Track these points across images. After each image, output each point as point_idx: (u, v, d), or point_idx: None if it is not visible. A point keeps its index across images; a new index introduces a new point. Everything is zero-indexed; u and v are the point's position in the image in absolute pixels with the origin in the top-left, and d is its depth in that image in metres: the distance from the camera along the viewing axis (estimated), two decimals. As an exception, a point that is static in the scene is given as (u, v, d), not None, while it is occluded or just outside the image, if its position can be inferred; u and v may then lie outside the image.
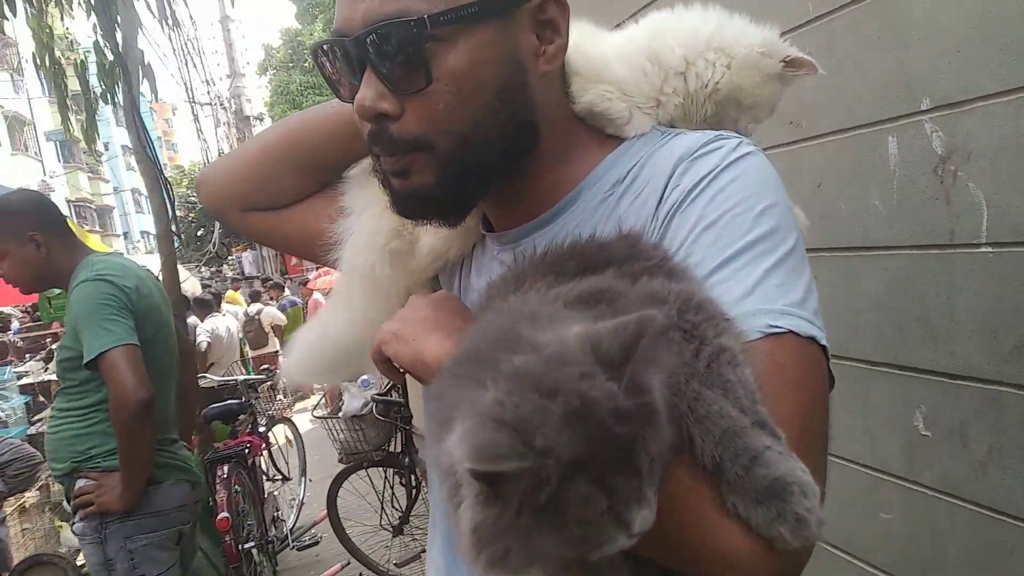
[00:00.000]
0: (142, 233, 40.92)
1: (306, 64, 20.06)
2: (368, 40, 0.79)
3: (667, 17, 0.98)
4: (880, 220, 1.51)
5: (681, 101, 0.92)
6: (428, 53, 0.78)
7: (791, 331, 0.70)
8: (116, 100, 4.44)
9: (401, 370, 0.93)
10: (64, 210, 2.79)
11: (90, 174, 35.88)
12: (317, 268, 14.08)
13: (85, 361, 2.38)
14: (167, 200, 4.39)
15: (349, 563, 4.88)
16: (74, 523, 2.56)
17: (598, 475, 0.51)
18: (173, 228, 4.45)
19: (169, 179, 4.81)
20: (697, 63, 0.91)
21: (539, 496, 0.50)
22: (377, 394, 4.36)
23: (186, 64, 6.42)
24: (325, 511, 4.70)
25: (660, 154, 0.87)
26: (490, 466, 0.49)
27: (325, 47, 0.87)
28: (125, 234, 41.01)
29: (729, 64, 0.91)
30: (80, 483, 2.51)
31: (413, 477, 4.54)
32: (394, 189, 0.89)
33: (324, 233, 1.09)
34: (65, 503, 5.21)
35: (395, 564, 4.49)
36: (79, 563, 3.59)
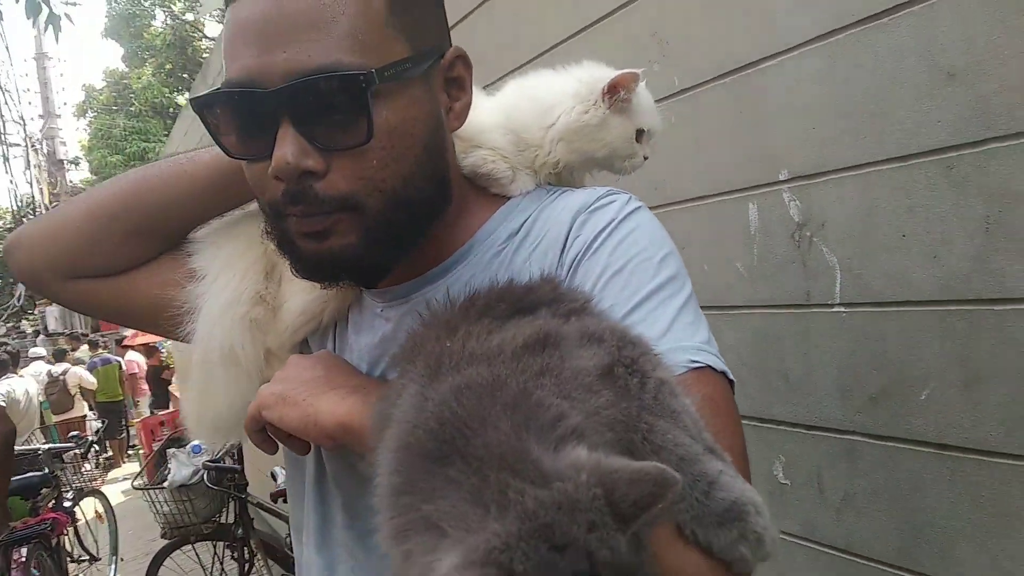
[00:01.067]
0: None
1: (132, 108, 18.85)
2: (293, 94, 0.74)
3: (516, 92, 1.02)
4: (742, 281, 1.61)
5: (551, 171, 0.97)
6: (370, 108, 0.75)
7: (708, 366, 0.75)
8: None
9: (280, 437, 0.87)
10: None
11: None
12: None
13: None
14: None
15: (170, 650, 4.43)
16: None
17: None
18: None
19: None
20: (544, 147, 0.96)
21: None
22: (209, 461, 4.04)
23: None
24: (144, 593, 4.25)
25: (553, 208, 0.91)
26: None
27: (225, 96, 0.79)
28: None
29: (561, 138, 0.95)
30: None
31: (247, 549, 4.22)
32: (303, 252, 0.83)
33: (170, 303, 0.99)
34: None
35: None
36: None
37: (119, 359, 11.36)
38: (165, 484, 4.03)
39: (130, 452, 10.82)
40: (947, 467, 1.28)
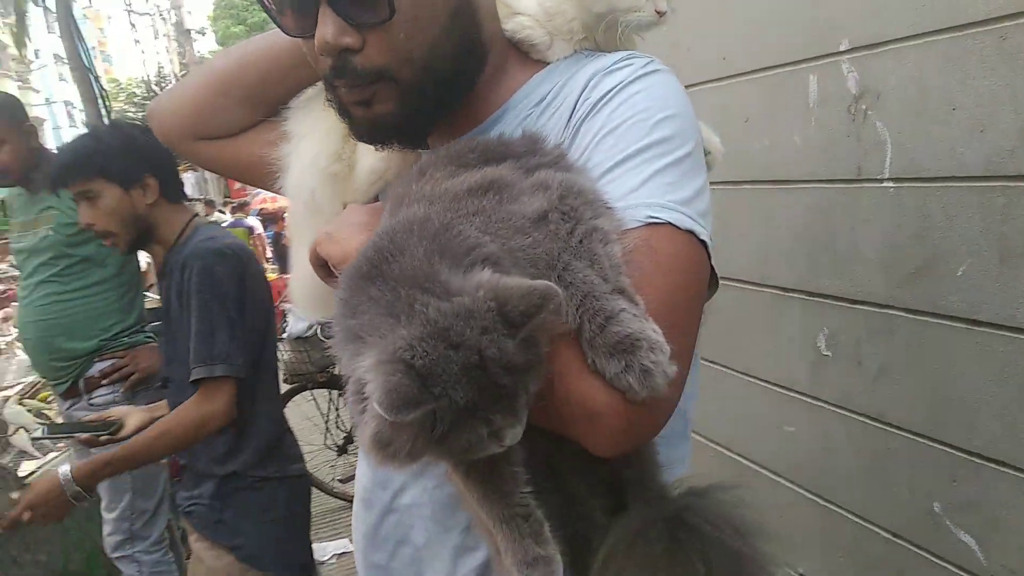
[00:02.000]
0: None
1: (253, -24, 19.19)
2: None
3: None
4: (798, 155, 1.61)
5: (579, 36, 0.97)
6: None
7: (669, 223, 0.77)
8: (47, 3, 4.26)
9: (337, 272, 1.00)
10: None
11: (19, 83, 34.06)
12: (258, 193, 13.82)
13: None
14: (103, 110, 4.27)
15: (293, 479, 4.98)
16: (91, 399, 2.75)
17: (482, 414, 0.62)
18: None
19: (105, 91, 4.67)
20: (563, 7, 0.96)
21: (434, 429, 0.61)
22: (322, 316, 4.39)
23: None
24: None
25: (579, 74, 0.93)
26: (396, 415, 0.58)
27: None
28: (58, 148, 39.31)
29: None
30: (99, 365, 2.75)
31: (357, 398, 4.61)
32: (355, 118, 0.92)
33: (268, 160, 1.12)
34: (12, 407, 5.18)
35: (339, 480, 4.62)
36: (20, 473, 3.62)
37: (250, 223, 12.10)
38: (283, 335, 4.43)
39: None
40: (977, 342, 1.30)
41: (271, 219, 12.18)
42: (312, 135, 1.10)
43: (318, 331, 4.41)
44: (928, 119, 1.31)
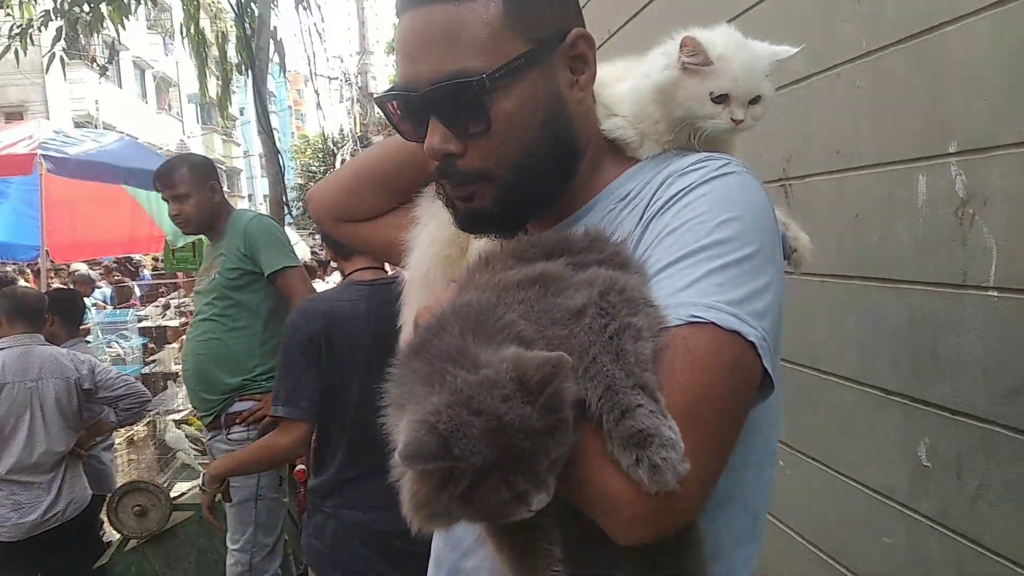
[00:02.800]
0: (264, 196, 42.92)
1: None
2: (432, 96, 0.93)
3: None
4: (905, 255, 1.56)
5: (666, 137, 1.02)
6: (486, 103, 0.93)
7: (713, 323, 0.77)
8: (250, 70, 4.83)
9: None
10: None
11: (224, 137, 38.01)
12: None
13: (268, 272, 2.99)
14: (280, 169, 4.75)
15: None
16: (228, 435, 3.08)
17: (503, 476, 0.68)
18: (283, 197, 4.81)
19: (294, 147, 5.19)
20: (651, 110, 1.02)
21: (456, 487, 0.68)
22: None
23: (311, 42, 6.82)
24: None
25: (660, 173, 0.98)
26: (411, 463, 0.67)
27: (391, 97, 1.01)
28: (249, 196, 43.24)
29: (654, 98, 1.01)
30: (240, 405, 3.07)
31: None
32: (458, 210, 1.03)
33: (400, 241, 1.26)
34: (169, 431, 5.68)
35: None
36: (172, 495, 3.97)
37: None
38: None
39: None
40: (1082, 471, 1.21)
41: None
42: (432, 222, 1.22)
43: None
44: (1035, 229, 1.25)
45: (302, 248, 10.28)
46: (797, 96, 1.88)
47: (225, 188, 3.59)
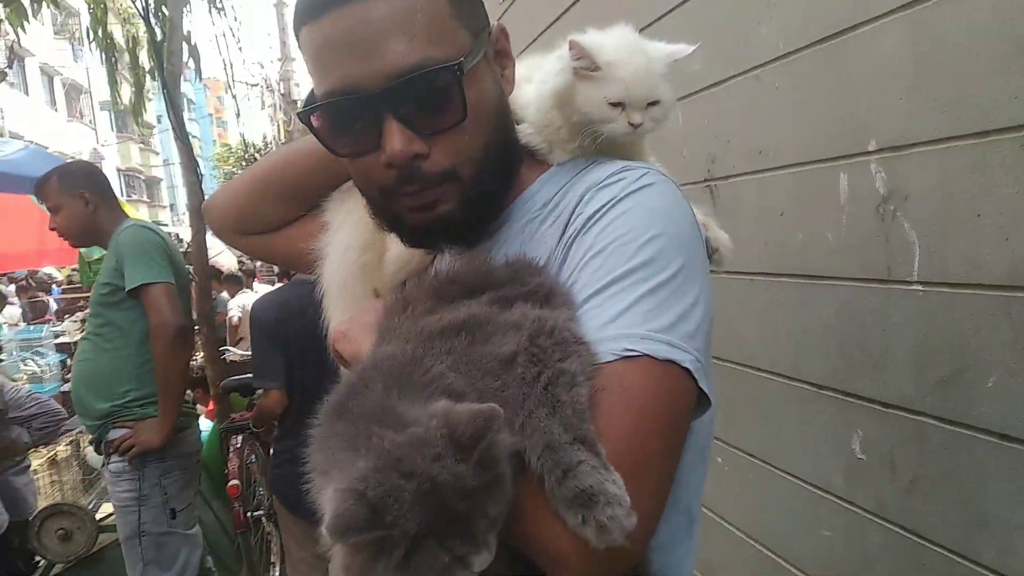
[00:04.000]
0: (186, 206, 41.62)
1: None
2: (397, 91, 0.85)
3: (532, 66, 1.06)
4: (831, 252, 1.58)
5: (570, 144, 1.00)
6: (463, 91, 0.87)
7: (646, 355, 0.76)
8: (160, 75, 4.62)
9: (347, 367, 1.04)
10: (114, 179, 3.13)
11: (141, 145, 36.70)
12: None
13: (128, 288, 2.71)
14: (198, 177, 4.57)
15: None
16: (107, 464, 2.86)
17: (439, 540, 0.64)
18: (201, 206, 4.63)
19: (216, 156, 5.01)
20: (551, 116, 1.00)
21: (390, 555, 0.63)
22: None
23: (227, 47, 6.63)
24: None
25: (578, 182, 0.95)
26: (341, 537, 0.62)
27: (333, 105, 0.89)
28: (171, 205, 41.91)
29: (551, 104, 0.99)
30: (114, 432, 2.82)
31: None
32: (412, 225, 0.96)
33: (307, 251, 1.19)
34: (89, 450, 5.43)
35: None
36: (98, 516, 3.80)
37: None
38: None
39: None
40: (1009, 458, 1.23)
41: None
42: (344, 227, 1.16)
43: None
44: (954, 224, 1.28)
45: (227, 258, 9.98)
46: (717, 98, 1.89)
47: (145, 197, 3.39)
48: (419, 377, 0.70)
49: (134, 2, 4.49)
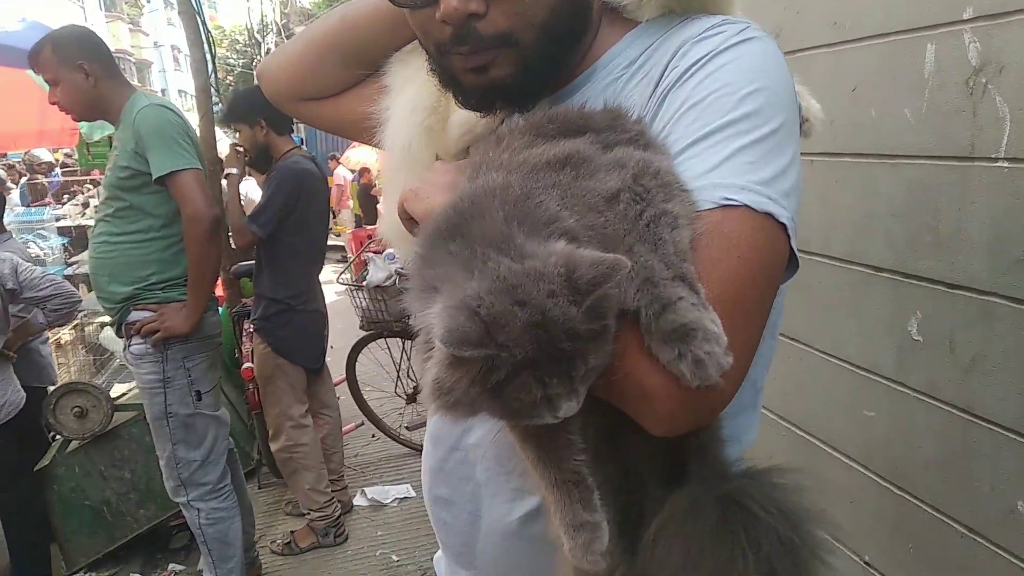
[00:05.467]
0: (179, 91, 40.65)
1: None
2: None
3: None
4: (907, 129, 1.53)
5: None
6: None
7: (746, 205, 0.74)
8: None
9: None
10: (106, 55, 2.91)
11: (131, 26, 35.43)
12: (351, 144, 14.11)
13: (156, 177, 2.59)
14: (208, 54, 4.41)
15: (363, 423, 5.15)
16: (128, 347, 2.81)
17: (539, 374, 0.63)
18: (212, 83, 4.48)
19: (211, 36, 4.81)
20: None
21: (490, 378, 0.62)
22: (402, 268, 4.48)
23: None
24: (344, 375, 4.92)
25: (673, 37, 0.91)
26: (456, 350, 0.61)
27: None
28: (163, 91, 40.86)
29: None
30: (136, 315, 2.76)
31: (430, 349, 4.71)
32: (466, 86, 0.92)
33: (369, 115, 1.15)
34: (107, 331, 5.46)
35: (406, 427, 4.74)
36: (112, 394, 3.84)
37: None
38: (364, 283, 4.54)
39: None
40: (1085, 337, 1.23)
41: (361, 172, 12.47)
42: (408, 89, 1.12)
43: (396, 281, 4.50)
44: (1055, 96, 1.23)
45: (223, 147, 9.80)
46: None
47: (135, 81, 3.24)
48: (537, 213, 0.68)
49: None
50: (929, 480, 1.57)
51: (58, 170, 11.58)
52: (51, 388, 3.74)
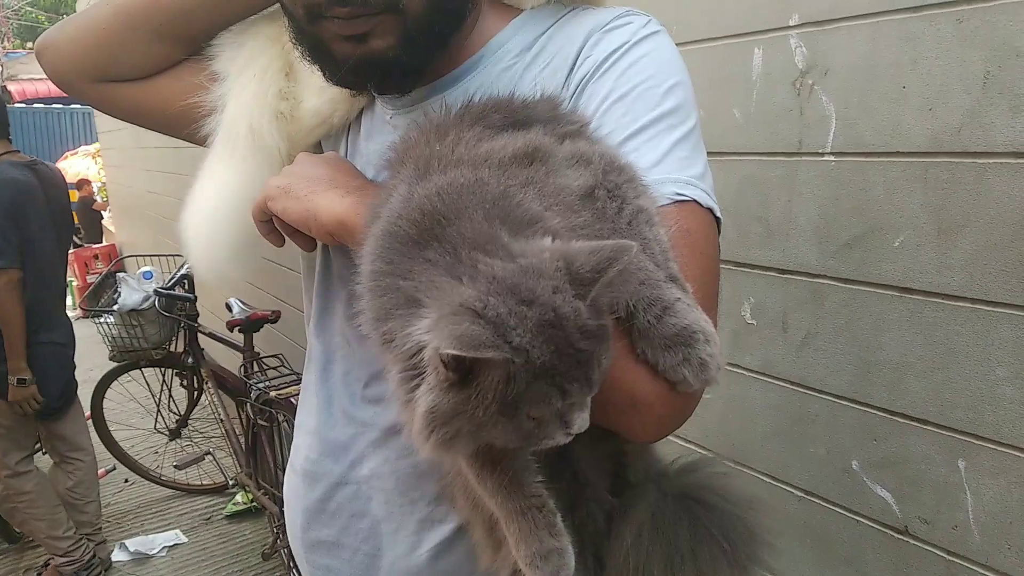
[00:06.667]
0: None
1: None
2: None
3: None
4: (737, 128, 1.65)
5: None
6: None
7: (695, 200, 0.77)
8: None
9: (287, 231, 0.89)
10: None
11: None
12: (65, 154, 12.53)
13: None
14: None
15: (115, 468, 4.56)
16: None
17: (559, 381, 0.57)
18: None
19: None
20: None
21: (507, 391, 0.55)
22: (160, 287, 4.01)
23: None
24: (89, 413, 4.31)
25: (570, 26, 0.90)
26: (472, 352, 0.52)
27: None
28: None
29: None
30: None
31: (196, 378, 4.27)
32: (339, 56, 0.83)
33: (193, 106, 1.00)
34: None
35: (175, 466, 4.25)
36: None
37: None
38: (115, 308, 4.00)
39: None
40: (908, 308, 1.39)
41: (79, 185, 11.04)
42: (249, 72, 1.00)
43: (155, 303, 4.03)
44: (876, 96, 1.38)
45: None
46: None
47: None
48: (517, 212, 0.62)
49: None
50: (767, 452, 1.70)
51: None
52: None
